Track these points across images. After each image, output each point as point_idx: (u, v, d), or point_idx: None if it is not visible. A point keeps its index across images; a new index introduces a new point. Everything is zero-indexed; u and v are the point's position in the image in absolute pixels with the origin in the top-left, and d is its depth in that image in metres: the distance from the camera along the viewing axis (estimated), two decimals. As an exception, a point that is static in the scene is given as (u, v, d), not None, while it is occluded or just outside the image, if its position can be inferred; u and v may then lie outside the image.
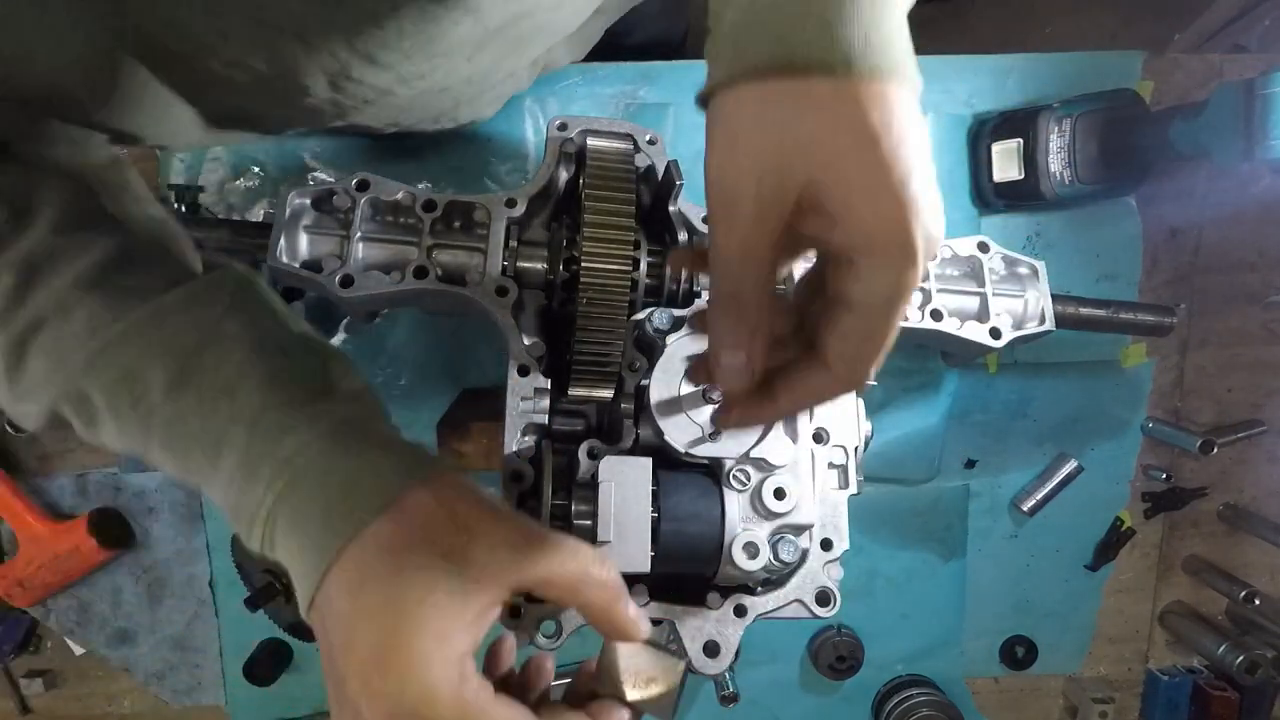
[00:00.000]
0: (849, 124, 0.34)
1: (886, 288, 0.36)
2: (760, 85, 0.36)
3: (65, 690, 0.95)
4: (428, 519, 0.40)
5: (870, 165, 0.34)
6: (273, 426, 0.43)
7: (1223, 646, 0.93)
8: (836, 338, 0.39)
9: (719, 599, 0.59)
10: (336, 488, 0.41)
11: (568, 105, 0.89)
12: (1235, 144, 0.76)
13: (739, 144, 0.37)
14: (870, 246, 0.36)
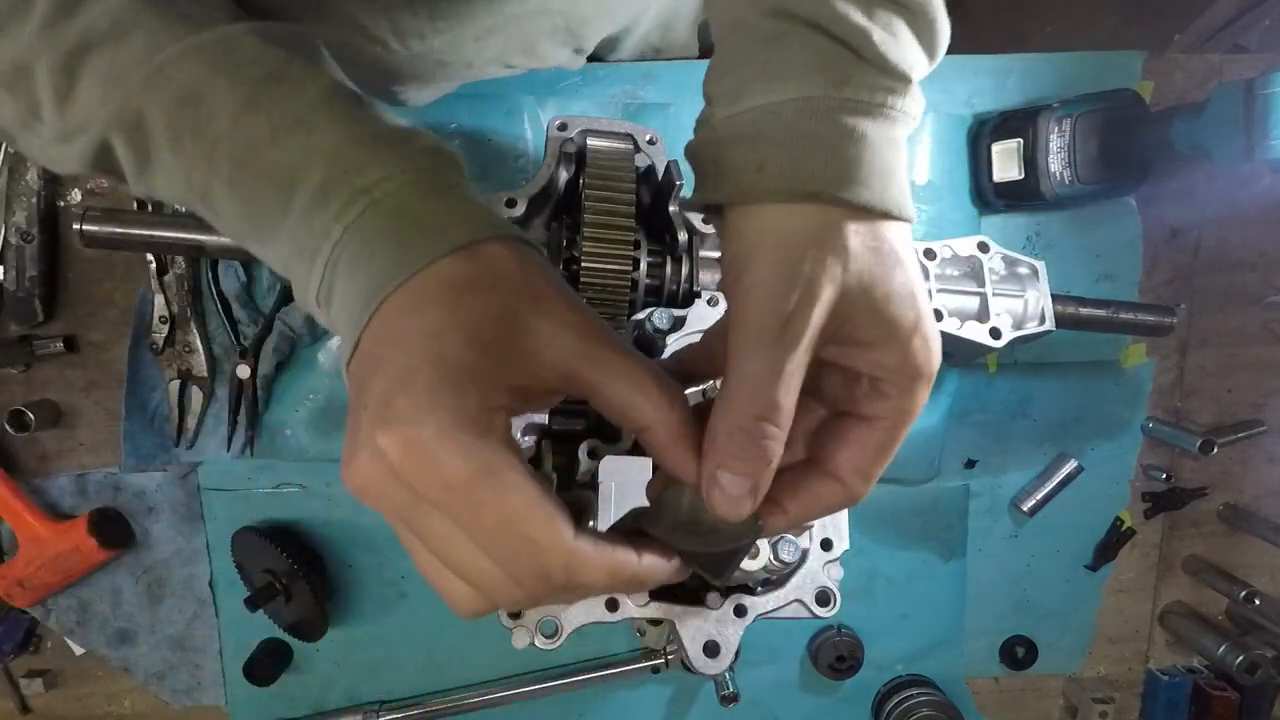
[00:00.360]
0: (899, 266, 0.38)
1: (912, 407, 0.39)
2: (825, 211, 0.37)
3: (65, 690, 0.95)
4: (502, 273, 0.36)
5: (915, 302, 0.38)
6: (353, 160, 0.38)
7: (1223, 646, 0.93)
8: (853, 451, 0.40)
9: (719, 599, 0.59)
10: (414, 223, 0.37)
11: (568, 105, 0.89)
12: (1235, 144, 0.76)
13: (805, 265, 0.36)
14: (901, 374, 0.38)
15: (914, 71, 0.40)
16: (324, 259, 0.38)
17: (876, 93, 0.38)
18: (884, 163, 0.38)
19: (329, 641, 0.92)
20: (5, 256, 0.85)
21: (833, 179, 0.37)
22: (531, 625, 0.57)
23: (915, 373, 0.38)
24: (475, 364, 0.34)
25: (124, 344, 0.87)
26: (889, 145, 0.39)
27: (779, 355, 0.36)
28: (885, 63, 0.39)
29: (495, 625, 0.57)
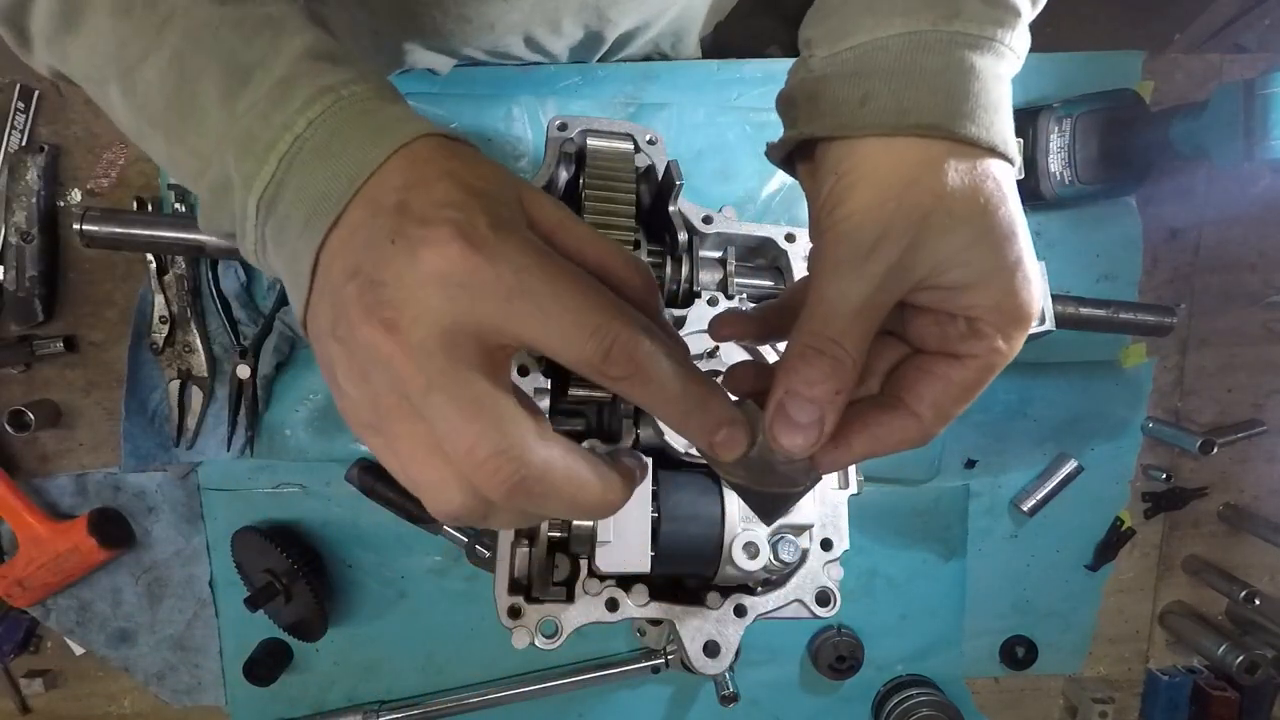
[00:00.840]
0: (1004, 204, 0.36)
1: (1008, 349, 0.38)
2: (930, 144, 0.36)
3: (65, 690, 0.95)
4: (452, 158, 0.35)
5: (1016, 241, 0.36)
6: (317, 65, 0.37)
7: (1223, 646, 0.93)
8: (938, 387, 0.38)
9: (719, 599, 0.59)
10: (388, 117, 0.36)
11: (568, 105, 0.89)
12: (1235, 144, 0.76)
13: (899, 196, 0.36)
14: (1000, 314, 0.37)
15: (1022, 6, 0.39)
16: (279, 154, 0.35)
17: (986, 26, 0.38)
18: (991, 99, 0.37)
19: (329, 641, 0.92)
20: (5, 256, 0.85)
21: (939, 112, 0.36)
22: (531, 625, 0.57)
23: (1015, 313, 0.37)
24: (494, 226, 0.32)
25: (124, 344, 0.87)
26: (996, 81, 0.38)
27: (860, 280, 0.35)
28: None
29: (495, 625, 0.57)
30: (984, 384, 0.38)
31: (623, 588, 0.58)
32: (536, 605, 0.57)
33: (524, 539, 0.58)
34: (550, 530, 0.57)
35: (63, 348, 0.87)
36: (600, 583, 0.58)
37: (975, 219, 0.36)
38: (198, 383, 0.88)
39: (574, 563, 0.59)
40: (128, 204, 0.86)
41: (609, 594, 0.58)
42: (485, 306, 0.31)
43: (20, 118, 0.85)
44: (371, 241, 0.32)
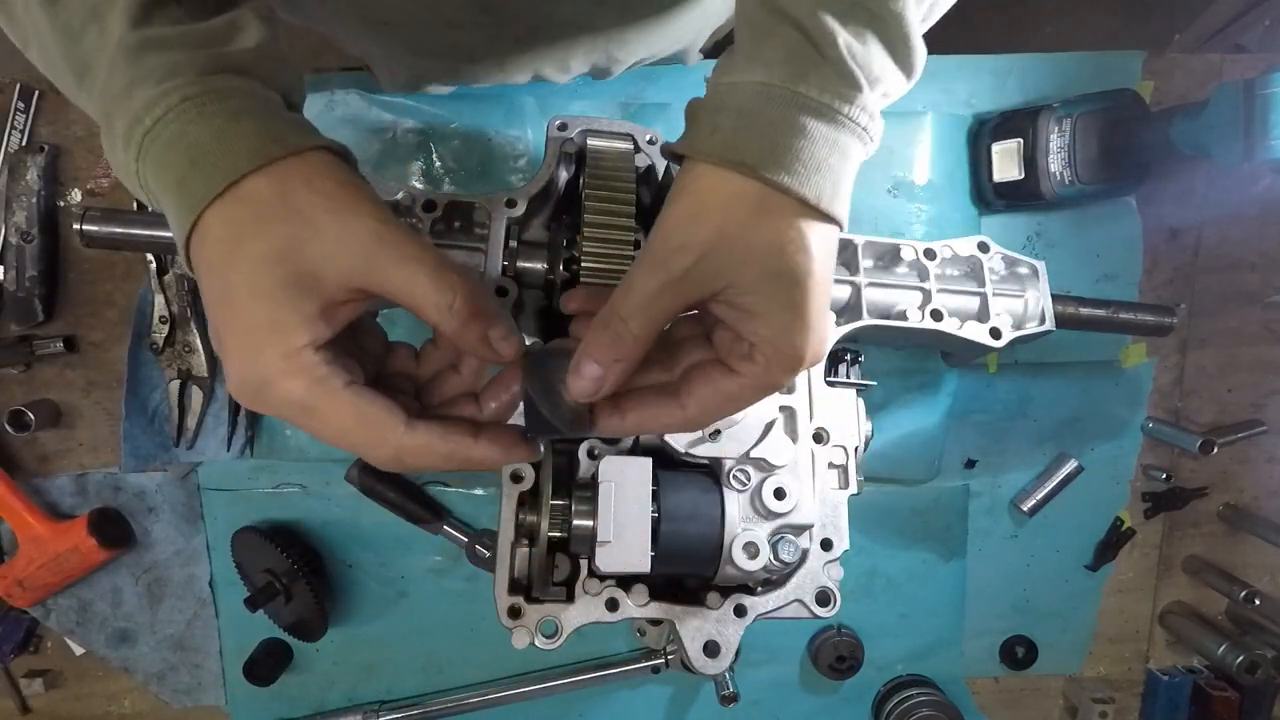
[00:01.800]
0: (801, 252, 0.41)
1: (771, 381, 0.43)
2: (746, 182, 0.41)
3: (65, 690, 0.95)
4: (263, 210, 0.39)
5: (803, 290, 0.41)
6: (131, 72, 0.40)
7: (1223, 646, 0.93)
8: (708, 389, 0.44)
9: (719, 599, 0.59)
10: (185, 160, 0.39)
11: (567, 105, 0.89)
12: (1235, 144, 0.76)
13: (704, 217, 0.41)
14: (775, 350, 0.42)
15: (879, 83, 0.43)
16: (132, 173, 0.41)
17: (825, 93, 0.42)
18: (816, 158, 0.41)
19: (329, 641, 0.92)
20: (5, 256, 0.85)
21: (759, 155, 0.41)
22: (531, 625, 0.57)
23: (786, 352, 0.42)
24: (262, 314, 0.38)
25: (124, 344, 0.87)
26: (828, 145, 0.42)
27: (654, 277, 0.42)
28: (843, 66, 0.41)
29: (495, 625, 0.57)
30: (748, 401, 0.44)
31: (623, 588, 0.58)
32: (536, 605, 0.57)
33: (524, 539, 0.58)
34: (550, 530, 0.57)
35: (63, 348, 0.87)
36: (600, 583, 0.58)
37: (768, 259, 0.41)
38: (198, 383, 0.88)
39: (574, 563, 0.59)
40: (128, 204, 0.86)
41: (609, 594, 0.58)
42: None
43: (20, 118, 0.85)
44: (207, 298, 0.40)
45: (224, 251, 0.39)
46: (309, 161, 0.40)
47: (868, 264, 0.75)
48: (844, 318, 0.72)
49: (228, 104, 0.40)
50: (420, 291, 0.40)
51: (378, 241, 0.39)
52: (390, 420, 0.41)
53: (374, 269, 0.39)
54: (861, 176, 0.95)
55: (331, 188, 0.40)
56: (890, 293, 0.75)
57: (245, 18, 0.44)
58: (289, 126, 0.41)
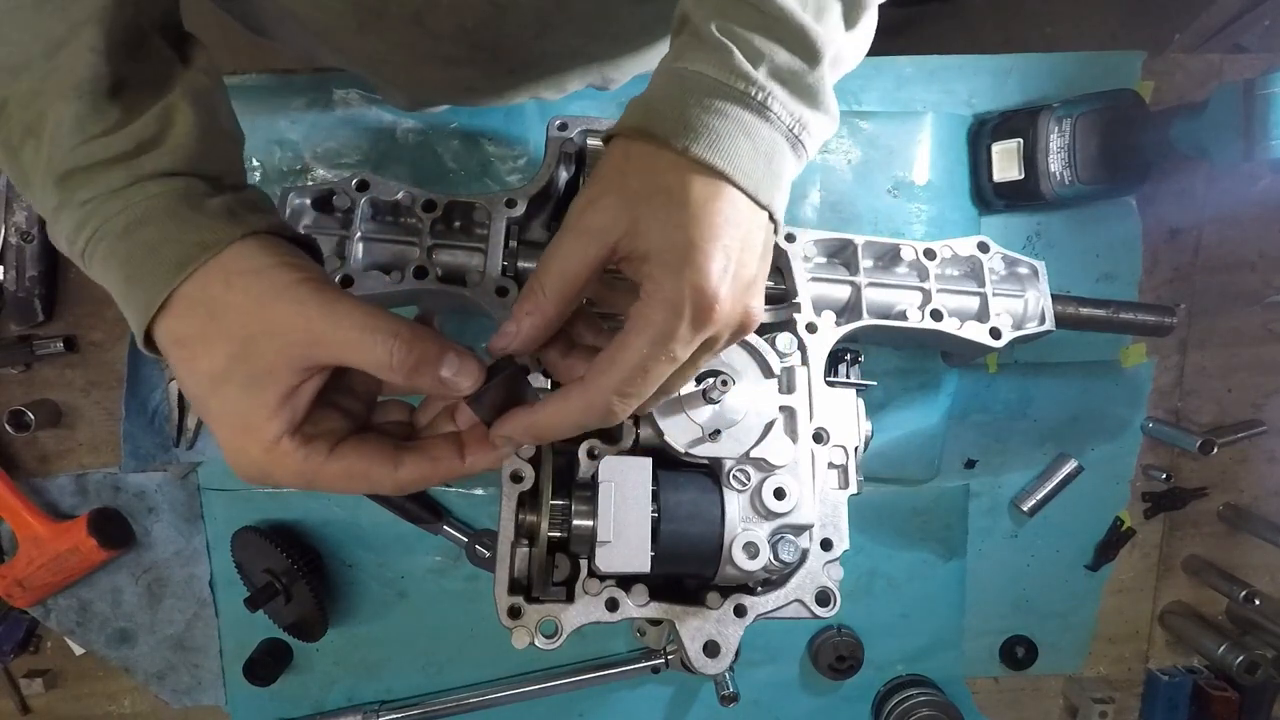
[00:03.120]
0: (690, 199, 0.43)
1: (654, 323, 0.42)
2: (659, 152, 0.44)
3: (65, 690, 0.95)
4: (199, 324, 0.42)
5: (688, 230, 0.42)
6: (59, 196, 0.43)
7: (1223, 646, 0.93)
8: (603, 354, 0.44)
9: (719, 599, 0.59)
10: (120, 277, 0.43)
11: (567, 106, 0.89)
12: (1235, 144, 0.76)
13: (601, 175, 0.45)
14: (654, 288, 0.43)
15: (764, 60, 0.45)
16: (84, 264, 0.45)
17: (705, 65, 0.45)
18: (703, 120, 0.43)
19: (329, 641, 0.92)
20: (5, 256, 0.85)
21: (661, 125, 0.44)
22: (531, 625, 0.57)
23: (667, 291, 0.42)
24: (231, 417, 0.43)
25: (124, 344, 0.87)
26: (711, 110, 0.44)
27: (561, 237, 0.45)
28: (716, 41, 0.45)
29: (495, 625, 0.57)
30: (638, 350, 0.43)
31: (623, 588, 0.58)
32: (536, 605, 0.57)
33: (524, 539, 0.58)
34: (550, 530, 0.57)
35: (63, 348, 0.87)
36: (600, 583, 0.58)
37: (657, 206, 0.43)
38: (198, 383, 0.88)
39: (574, 563, 0.59)
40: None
41: (609, 594, 0.58)
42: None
43: (20, 118, 0.85)
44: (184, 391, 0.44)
45: (180, 361, 0.43)
46: (225, 261, 0.42)
47: (868, 264, 0.75)
48: (844, 318, 0.72)
49: (149, 220, 0.43)
50: (363, 355, 0.42)
51: (306, 322, 0.42)
52: (379, 469, 0.45)
53: (315, 347, 0.42)
54: (862, 177, 0.96)
55: (249, 282, 0.42)
56: (890, 293, 0.75)
57: (176, 106, 0.46)
58: (207, 224, 0.43)
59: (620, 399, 0.44)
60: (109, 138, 0.43)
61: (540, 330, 0.45)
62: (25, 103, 0.44)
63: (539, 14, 0.65)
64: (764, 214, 0.46)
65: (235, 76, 0.86)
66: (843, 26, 0.48)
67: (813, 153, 0.49)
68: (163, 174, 0.44)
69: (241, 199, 0.47)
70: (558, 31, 0.68)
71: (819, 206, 0.91)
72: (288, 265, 0.43)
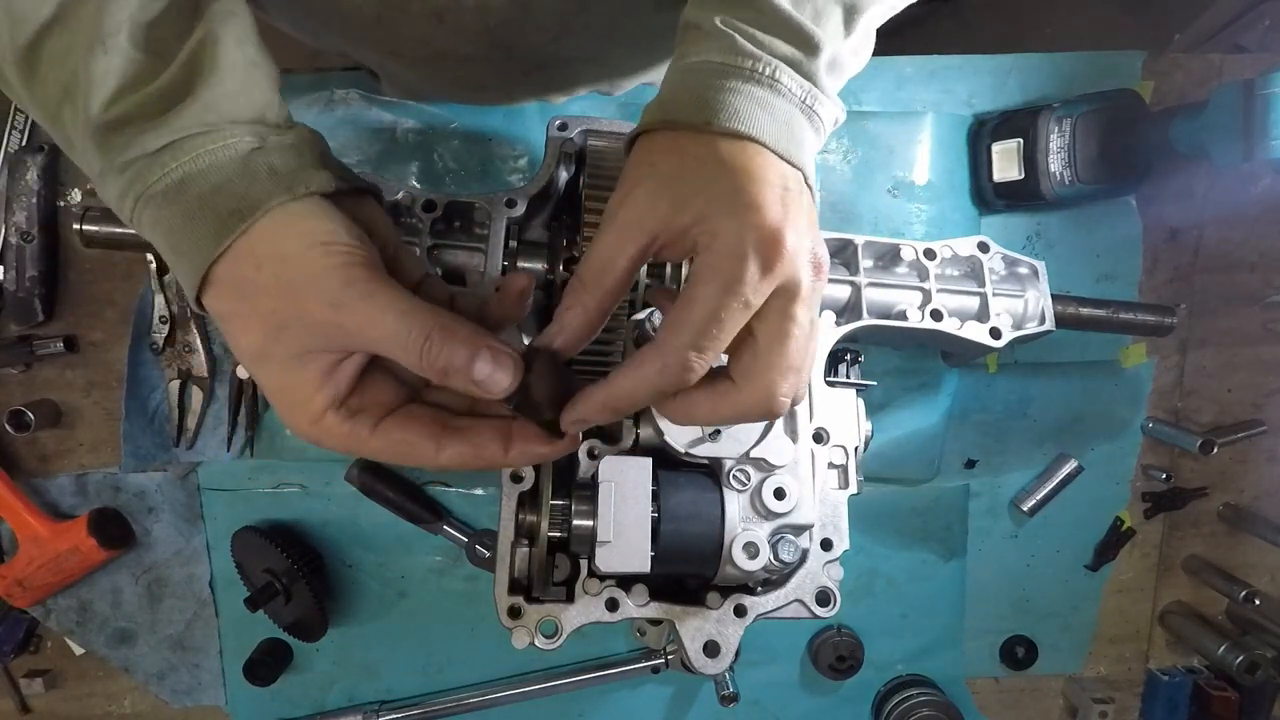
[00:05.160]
0: (739, 171, 0.42)
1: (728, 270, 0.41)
2: (680, 135, 0.44)
3: (65, 690, 0.95)
4: (244, 291, 0.42)
5: (739, 183, 0.42)
6: (101, 161, 0.43)
7: (1223, 646, 0.93)
8: (673, 310, 0.43)
9: (719, 599, 0.59)
10: (166, 245, 0.43)
11: (568, 106, 0.89)
12: (1235, 144, 0.76)
13: (633, 169, 0.45)
14: (711, 238, 0.42)
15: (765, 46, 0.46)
16: (128, 219, 0.44)
17: (743, 59, 0.45)
18: (735, 104, 0.44)
19: (329, 641, 0.92)
20: (5, 256, 0.85)
21: (679, 112, 0.44)
22: (531, 625, 0.57)
23: (732, 239, 0.41)
24: (281, 392, 0.44)
25: (124, 344, 0.87)
26: (748, 98, 0.44)
27: (603, 235, 0.44)
28: (718, 29, 0.46)
29: (495, 625, 0.57)
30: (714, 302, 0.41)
31: (623, 588, 0.58)
32: (536, 605, 0.57)
33: (524, 539, 0.58)
34: (550, 530, 0.57)
35: (63, 348, 0.87)
36: (600, 583, 0.58)
37: (699, 177, 0.42)
38: (198, 383, 0.88)
39: (574, 563, 0.59)
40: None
41: (609, 594, 0.58)
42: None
43: (20, 118, 0.86)
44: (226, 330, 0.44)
45: (227, 334, 0.44)
46: (254, 242, 0.42)
47: (868, 264, 0.75)
48: (844, 318, 0.72)
49: (187, 184, 0.42)
50: (393, 354, 0.42)
51: (335, 315, 0.41)
52: (422, 448, 0.45)
53: (346, 339, 0.42)
54: (862, 177, 0.96)
55: (278, 268, 0.42)
56: (890, 293, 0.75)
57: (204, 48, 0.44)
58: (243, 189, 0.42)
59: (697, 354, 0.41)
60: (141, 93, 0.42)
61: (584, 328, 0.45)
62: (58, 60, 0.42)
63: (561, 16, 0.65)
64: (798, 171, 0.45)
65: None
66: (842, 33, 0.48)
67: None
68: (197, 128, 0.43)
69: (285, 149, 0.45)
70: (576, 35, 0.68)
71: (819, 206, 0.91)
72: (320, 247, 0.42)
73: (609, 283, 0.44)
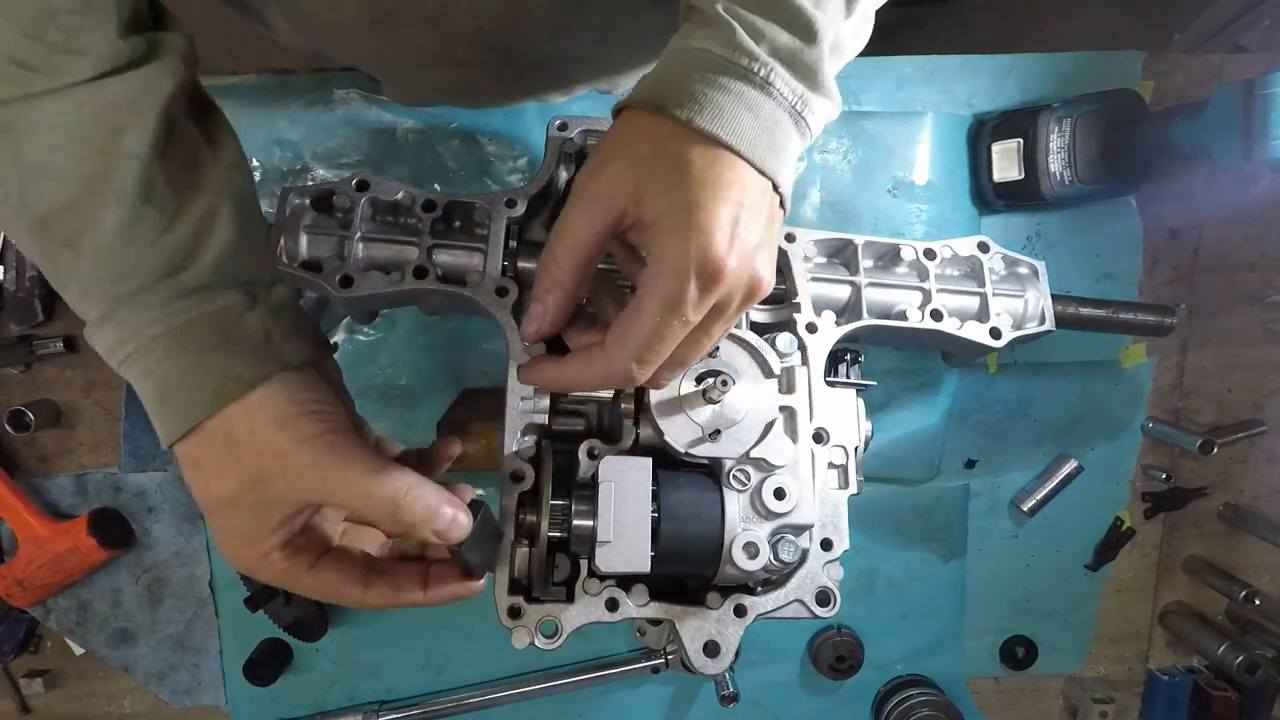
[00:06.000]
0: (691, 165, 0.44)
1: (665, 287, 0.44)
2: (660, 121, 0.45)
3: (65, 690, 0.95)
4: (233, 447, 0.45)
5: (690, 192, 0.44)
6: (102, 307, 0.45)
7: (1223, 646, 0.93)
8: (617, 320, 0.46)
9: (719, 599, 0.59)
10: (155, 396, 0.46)
11: (568, 106, 0.89)
12: (1235, 144, 0.76)
13: (605, 147, 0.47)
14: (659, 252, 0.44)
15: (764, 38, 0.46)
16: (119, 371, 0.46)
17: (731, 51, 0.46)
18: (722, 103, 0.45)
19: (329, 641, 0.92)
20: (5, 256, 0.85)
21: (666, 98, 0.45)
22: (531, 625, 0.57)
23: (674, 252, 0.43)
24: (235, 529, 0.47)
25: (124, 344, 0.87)
26: (736, 99, 0.45)
27: (572, 208, 0.46)
28: (719, 18, 0.46)
29: (495, 625, 0.57)
30: (653, 315, 0.44)
31: (623, 588, 0.58)
32: (536, 605, 0.57)
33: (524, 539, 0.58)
34: (550, 530, 0.57)
35: (63, 348, 0.87)
36: (600, 583, 0.58)
37: (659, 171, 0.44)
38: (198, 383, 0.88)
39: (574, 563, 0.59)
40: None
41: (609, 594, 0.58)
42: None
43: (20, 118, 0.85)
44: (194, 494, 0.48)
45: (193, 479, 0.47)
46: (251, 409, 0.45)
47: (868, 264, 0.75)
48: (844, 318, 0.72)
49: (185, 346, 0.45)
50: (365, 512, 0.47)
51: (319, 475, 0.45)
52: (349, 589, 0.50)
53: (323, 496, 0.47)
54: (862, 177, 0.96)
55: (272, 433, 0.45)
56: (890, 293, 0.75)
57: (211, 212, 0.46)
58: (241, 356, 0.45)
59: (639, 365, 0.46)
60: (149, 251, 0.44)
61: (564, 305, 0.48)
62: (65, 213, 0.44)
63: (556, 16, 0.65)
64: (768, 182, 0.47)
65: (235, 76, 0.86)
66: (842, 14, 0.49)
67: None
68: (202, 288, 0.45)
69: (276, 312, 0.48)
70: (573, 35, 0.68)
71: (819, 206, 0.91)
72: (310, 415, 0.46)
73: (581, 256, 0.47)
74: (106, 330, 0.45)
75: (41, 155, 0.43)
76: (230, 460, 0.45)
